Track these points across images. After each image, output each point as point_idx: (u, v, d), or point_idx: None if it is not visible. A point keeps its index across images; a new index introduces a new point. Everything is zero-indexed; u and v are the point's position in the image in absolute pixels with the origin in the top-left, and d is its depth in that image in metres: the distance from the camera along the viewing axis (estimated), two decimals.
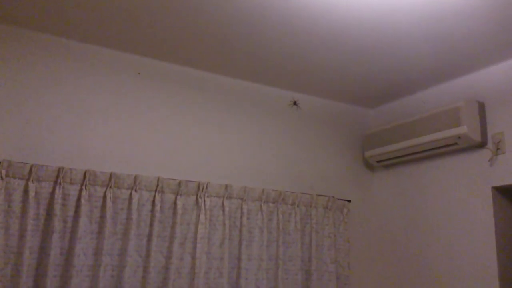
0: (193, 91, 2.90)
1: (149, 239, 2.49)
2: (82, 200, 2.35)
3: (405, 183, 3.22)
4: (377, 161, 3.30)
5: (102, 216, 2.40)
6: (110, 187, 2.44)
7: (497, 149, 2.64)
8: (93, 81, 2.61)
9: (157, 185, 2.56)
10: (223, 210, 2.73)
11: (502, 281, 2.53)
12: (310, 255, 2.96)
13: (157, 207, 2.53)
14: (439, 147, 2.86)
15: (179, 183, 2.62)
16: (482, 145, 2.72)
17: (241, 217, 2.78)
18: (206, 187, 2.70)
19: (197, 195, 2.67)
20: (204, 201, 2.68)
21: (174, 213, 2.59)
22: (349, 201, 3.21)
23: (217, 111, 2.96)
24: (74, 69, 2.57)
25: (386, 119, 3.44)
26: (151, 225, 2.51)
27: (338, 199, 3.17)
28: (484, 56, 2.65)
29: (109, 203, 2.41)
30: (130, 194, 2.49)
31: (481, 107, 2.74)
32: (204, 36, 2.51)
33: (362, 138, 3.45)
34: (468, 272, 2.68)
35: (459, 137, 2.70)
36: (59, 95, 2.50)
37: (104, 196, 2.42)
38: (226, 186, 2.76)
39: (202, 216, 2.65)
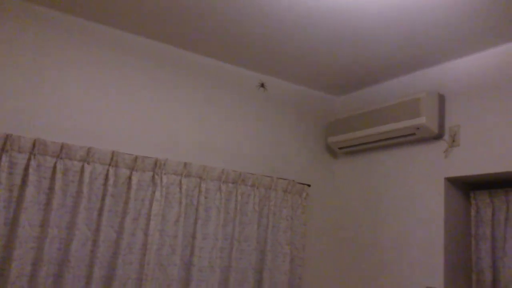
0: (157, 66, 2.73)
1: (100, 213, 2.35)
2: (30, 170, 2.18)
3: (365, 170, 3.15)
4: (339, 148, 3.21)
5: (51, 188, 2.24)
6: (61, 158, 2.27)
7: (453, 141, 2.58)
8: (52, 48, 2.41)
9: (112, 159, 2.40)
10: (180, 188, 2.61)
11: (446, 266, 2.52)
12: (266, 237, 2.86)
13: (110, 181, 2.39)
14: (398, 137, 2.78)
15: (135, 159, 2.47)
16: (439, 136, 2.65)
17: (198, 196, 2.66)
18: (164, 164, 2.56)
19: (153, 171, 2.54)
20: (161, 178, 2.54)
21: (128, 188, 2.45)
22: (309, 185, 3.12)
23: (181, 88, 2.81)
24: (32, 35, 2.36)
25: (351, 108, 3.35)
26: (102, 199, 2.37)
27: (298, 183, 3.08)
28: (448, 49, 2.56)
29: (58, 175, 2.25)
30: (82, 166, 2.33)
31: (441, 99, 2.67)
32: (173, 10, 2.34)
33: (326, 124, 3.35)
34: (415, 257, 2.65)
35: (418, 128, 2.62)
36: (12, 61, 2.31)
37: (54, 167, 2.26)
38: (185, 164, 2.63)
39: (157, 193, 2.51)
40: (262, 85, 3.14)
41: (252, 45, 2.72)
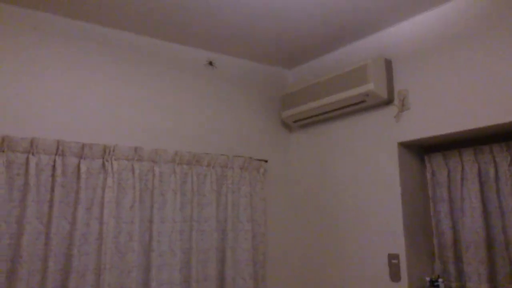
0: (100, 48, 2.75)
1: (51, 205, 2.39)
2: None
3: (319, 141, 3.29)
4: (294, 121, 3.34)
5: None
6: (3, 151, 2.29)
7: (403, 105, 2.74)
8: None
9: (57, 149, 2.43)
10: (133, 173, 2.67)
11: (406, 231, 2.67)
12: (226, 215, 2.97)
13: (58, 171, 2.42)
14: (349, 105, 2.93)
15: (82, 146, 2.51)
16: (388, 102, 2.81)
17: (153, 180, 2.73)
18: (113, 150, 2.61)
19: (103, 158, 2.58)
20: (112, 164, 2.59)
21: (78, 177, 2.49)
22: (266, 161, 3.24)
23: (126, 70, 2.84)
24: None
25: (302, 80, 3.47)
26: (52, 190, 2.40)
27: (255, 159, 3.19)
28: (391, 13, 2.70)
29: (1, 168, 2.27)
30: (27, 158, 2.35)
31: (388, 64, 2.82)
32: None
33: (280, 98, 3.46)
34: (375, 226, 2.81)
35: (367, 94, 2.77)
36: None
37: None
38: (136, 149, 2.69)
39: (109, 180, 2.57)
40: (211, 63, 3.21)
41: (195, 22, 2.77)
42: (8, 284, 2.24)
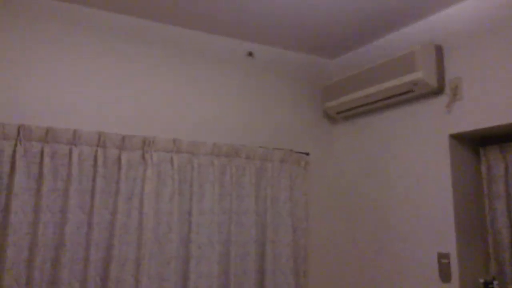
0: (139, 41, 2.80)
1: (92, 195, 2.46)
2: (17, 156, 2.29)
3: (365, 134, 3.18)
4: (337, 113, 3.24)
5: (40, 173, 2.35)
6: (47, 142, 2.37)
7: (454, 95, 2.58)
8: (31, 32, 2.49)
9: (99, 140, 2.50)
10: (172, 165, 2.69)
11: (458, 230, 2.54)
12: (266, 209, 2.95)
13: (99, 162, 2.48)
14: (396, 95, 2.80)
15: (123, 138, 2.56)
16: (439, 91, 2.66)
17: (191, 172, 2.75)
18: (153, 142, 2.64)
19: (143, 150, 2.62)
20: (151, 156, 2.63)
21: (119, 168, 2.54)
22: (307, 154, 3.17)
23: (165, 62, 2.86)
24: (10, 19, 2.44)
25: (346, 70, 3.36)
26: (93, 180, 2.47)
27: (296, 152, 3.13)
28: None
29: (46, 159, 2.35)
30: (70, 149, 2.43)
31: (439, 51, 2.66)
32: None
33: (322, 89, 3.38)
34: (425, 222, 2.69)
35: (415, 83, 2.63)
36: None
37: (42, 152, 2.36)
38: (174, 140, 2.71)
39: (149, 171, 2.60)
40: (250, 54, 3.17)
41: (235, 14, 2.74)
42: (52, 272, 2.33)
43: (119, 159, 2.55)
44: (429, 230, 2.65)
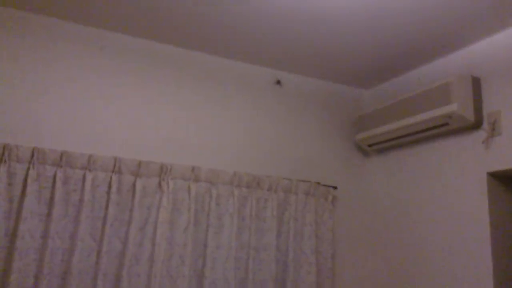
0: (160, 67, 2.77)
1: (104, 223, 2.40)
2: (29, 180, 2.26)
3: (397, 168, 3.00)
4: (369, 145, 3.09)
5: (52, 197, 2.32)
6: (61, 167, 2.35)
7: (493, 129, 2.39)
8: (51, 55, 2.52)
9: (114, 166, 2.45)
10: (189, 194, 2.61)
11: (496, 273, 2.32)
12: (287, 245, 2.79)
13: (113, 189, 2.43)
14: (431, 128, 2.63)
15: (139, 164, 2.51)
16: (476, 125, 2.48)
17: (209, 202, 2.65)
18: (170, 169, 2.57)
19: (159, 177, 2.56)
20: (168, 183, 2.56)
21: (133, 195, 2.48)
22: (335, 187, 3.02)
23: (186, 87, 2.82)
24: (31, 42, 2.48)
25: (380, 101, 3.22)
26: (106, 207, 2.42)
27: (323, 185, 2.98)
28: (481, 25, 2.39)
29: (58, 183, 2.32)
30: (84, 174, 2.39)
31: (476, 82, 2.49)
32: (175, 8, 2.37)
33: (354, 120, 3.24)
34: (461, 268, 2.47)
35: (450, 116, 2.46)
36: (12, 69, 2.42)
37: (55, 176, 2.33)
38: (193, 168, 2.63)
39: (164, 200, 2.53)
40: (278, 82, 3.09)
41: (264, 41, 2.70)
42: None
43: (134, 185, 2.49)
44: (465, 274, 2.43)
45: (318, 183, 2.97)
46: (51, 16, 2.54)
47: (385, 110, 2.90)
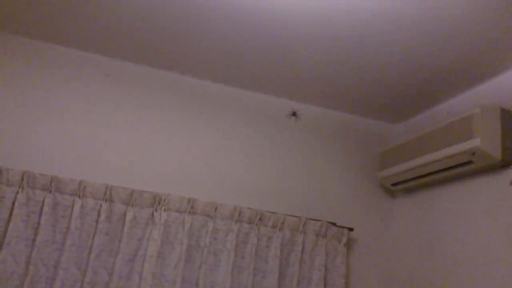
0: (158, 93, 2.75)
1: (90, 252, 2.36)
2: (17, 203, 2.29)
3: (423, 210, 2.72)
4: (392, 184, 2.83)
5: (39, 223, 2.32)
6: (50, 191, 2.36)
7: None
8: (44, 80, 2.57)
9: (105, 193, 2.43)
10: (183, 227, 2.51)
11: None
12: None
13: (102, 217, 2.40)
14: (453, 167, 2.36)
15: (132, 193, 2.46)
16: (505, 163, 2.17)
17: (205, 237, 2.54)
18: (165, 200, 2.50)
19: (153, 207, 2.49)
20: (161, 215, 2.48)
21: (123, 225, 2.43)
22: (351, 229, 2.78)
23: (186, 116, 2.76)
24: (23, 67, 2.55)
25: (404, 136, 2.98)
26: (94, 236, 2.38)
27: (336, 225, 2.76)
28: None
29: (46, 208, 2.33)
30: (73, 200, 2.39)
31: (506, 114, 2.20)
32: (184, 37, 2.37)
33: (377, 157, 3.01)
34: None
35: (473, 153, 2.18)
36: (4, 93, 2.50)
37: (43, 201, 2.35)
38: (189, 200, 2.54)
39: (154, 232, 2.46)
40: (294, 114, 2.96)
41: (278, 70, 2.61)
42: None
43: (124, 215, 2.45)
44: None
45: (330, 222, 2.76)
46: (42, 41, 2.61)
47: (407, 145, 2.66)
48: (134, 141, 2.65)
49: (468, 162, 2.27)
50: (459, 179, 2.47)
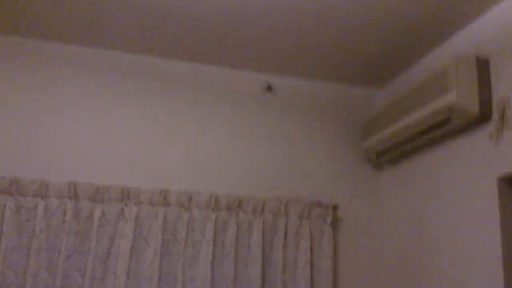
0: (119, 76, 2.64)
1: (60, 255, 2.28)
2: None
3: (407, 182, 2.61)
4: (376, 154, 2.71)
5: (1, 229, 2.24)
6: (11, 195, 2.28)
7: (502, 122, 1.95)
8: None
9: (69, 191, 2.34)
10: (157, 220, 2.42)
11: (507, 281, 1.87)
12: (277, 277, 2.48)
13: (69, 217, 2.31)
14: (432, 127, 2.23)
15: (98, 189, 2.37)
16: (484, 118, 2.04)
17: (181, 229, 2.44)
18: (135, 193, 2.41)
19: (122, 202, 2.40)
20: (131, 210, 2.39)
21: (92, 224, 2.34)
22: (336, 207, 2.66)
23: (148, 99, 2.65)
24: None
25: (385, 101, 2.86)
26: (62, 238, 2.29)
27: (321, 205, 2.64)
28: None
29: (8, 212, 2.25)
30: (36, 203, 2.31)
31: (482, 65, 2.07)
32: (148, 15, 2.27)
33: (360, 127, 2.88)
34: (472, 275, 2.03)
35: (450, 109, 2.06)
36: None
37: (4, 205, 2.26)
38: (161, 191, 2.45)
39: (126, 228, 2.36)
40: (269, 88, 2.84)
41: (250, 43, 2.50)
42: None
43: (92, 213, 2.36)
44: (477, 281, 2.01)
45: (314, 201, 2.63)
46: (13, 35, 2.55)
47: (387, 110, 2.55)
48: (96, 132, 2.54)
49: (448, 120, 2.15)
50: (442, 142, 2.35)
